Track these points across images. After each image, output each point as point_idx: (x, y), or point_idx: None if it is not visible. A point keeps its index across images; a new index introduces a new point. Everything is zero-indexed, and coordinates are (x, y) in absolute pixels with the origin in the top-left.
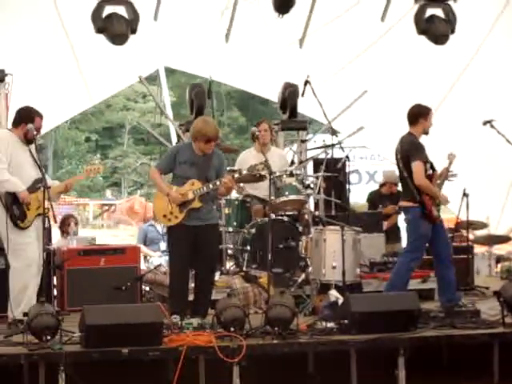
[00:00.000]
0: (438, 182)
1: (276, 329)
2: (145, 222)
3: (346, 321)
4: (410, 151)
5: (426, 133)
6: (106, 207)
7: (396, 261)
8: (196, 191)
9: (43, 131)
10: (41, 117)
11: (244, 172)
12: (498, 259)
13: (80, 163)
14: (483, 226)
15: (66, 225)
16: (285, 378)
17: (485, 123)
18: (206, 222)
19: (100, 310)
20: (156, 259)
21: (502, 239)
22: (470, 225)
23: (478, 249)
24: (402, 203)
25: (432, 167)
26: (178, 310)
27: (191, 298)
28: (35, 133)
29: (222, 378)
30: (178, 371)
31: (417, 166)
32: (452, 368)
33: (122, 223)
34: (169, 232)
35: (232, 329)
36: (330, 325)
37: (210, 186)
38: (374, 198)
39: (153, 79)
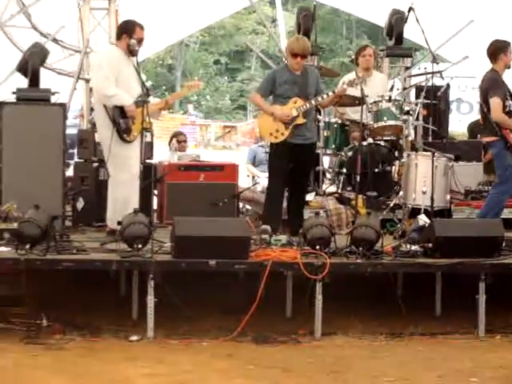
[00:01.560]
0: None
1: (360, 249)
2: (255, 142)
3: (430, 244)
4: (488, 87)
5: (509, 67)
6: (228, 129)
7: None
8: (300, 108)
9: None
10: (141, 27)
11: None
12: None
13: (208, 85)
14: None
15: (176, 141)
16: (367, 297)
17: None
18: (308, 140)
19: (190, 222)
20: (263, 179)
21: None
22: None
23: None
24: (485, 138)
25: None
26: (270, 222)
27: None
28: (137, 47)
29: (307, 294)
30: (262, 284)
31: (494, 102)
32: None
33: (243, 145)
34: (273, 149)
35: (317, 247)
36: (415, 248)
37: (313, 101)
38: (474, 128)
39: (284, 3)
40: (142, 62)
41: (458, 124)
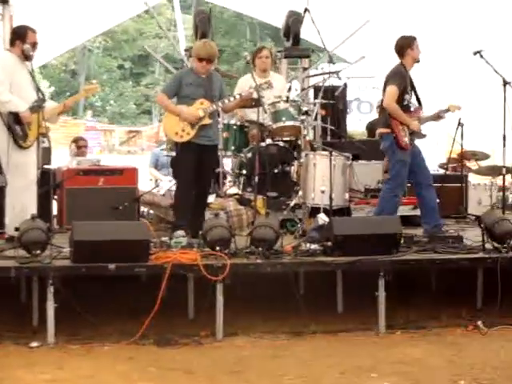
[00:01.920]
0: (423, 117)
1: (260, 249)
2: (157, 145)
3: (329, 243)
4: (389, 77)
5: (417, 61)
6: (133, 134)
7: None
8: (206, 109)
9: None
10: (33, 31)
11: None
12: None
13: (112, 90)
14: (486, 156)
15: (75, 146)
16: (268, 297)
17: (475, 53)
18: (213, 141)
19: (89, 226)
20: (166, 183)
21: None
22: (473, 155)
23: (482, 180)
24: (379, 130)
25: (419, 101)
26: (184, 224)
27: None
28: (31, 52)
29: (209, 295)
30: (163, 286)
31: (390, 90)
32: (435, 293)
33: (148, 149)
34: (178, 149)
35: (218, 248)
36: (314, 246)
37: (220, 103)
38: (373, 127)
39: (187, 7)
40: (43, 67)
41: (359, 123)
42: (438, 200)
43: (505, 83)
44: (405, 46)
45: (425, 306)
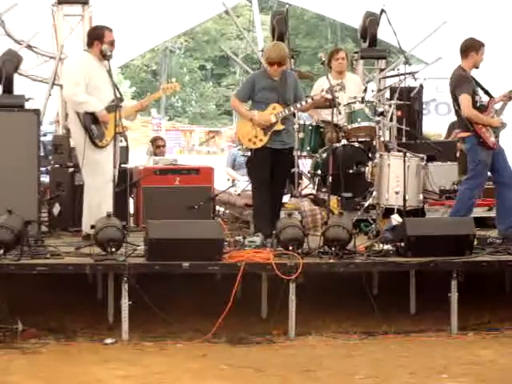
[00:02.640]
0: (498, 107)
1: (333, 249)
2: (235, 146)
3: (402, 244)
4: (455, 85)
5: (477, 67)
6: (212, 134)
7: None
8: (278, 114)
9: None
10: (110, 30)
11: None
12: None
13: (193, 91)
14: None
15: (153, 146)
16: (341, 296)
17: None
18: (287, 145)
19: (164, 224)
20: (243, 183)
21: None
22: None
23: None
24: (460, 134)
25: (488, 94)
26: (263, 230)
27: None
28: (109, 51)
29: (281, 295)
30: (236, 286)
31: (463, 99)
32: (508, 294)
33: (227, 150)
34: (252, 155)
35: (290, 247)
36: (387, 247)
37: (292, 108)
38: (453, 128)
39: (268, 9)
40: (125, 67)
41: (436, 125)
42: None
43: None
44: (472, 48)
45: (498, 307)
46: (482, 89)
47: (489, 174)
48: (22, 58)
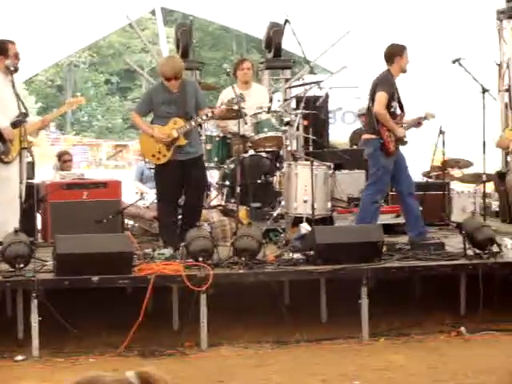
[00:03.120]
0: (405, 125)
1: (243, 259)
2: (142, 159)
3: (311, 252)
4: (378, 83)
5: (404, 71)
6: (120, 148)
7: None
8: (179, 129)
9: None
10: (13, 43)
11: (222, 106)
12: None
13: (100, 105)
14: (469, 164)
15: (60, 161)
16: (252, 306)
17: (454, 61)
18: (191, 154)
19: (71, 239)
20: (151, 196)
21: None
22: (456, 163)
23: (466, 187)
24: (364, 136)
25: (401, 108)
26: (170, 244)
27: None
28: (14, 65)
29: (192, 306)
30: (146, 299)
31: (380, 96)
32: (418, 300)
33: (136, 164)
34: (158, 170)
35: (200, 259)
36: (297, 256)
37: (193, 123)
38: (355, 136)
39: (172, 22)
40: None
41: (343, 133)
42: (420, 208)
43: (483, 90)
44: (395, 53)
45: (408, 313)
46: (399, 101)
47: None
48: None
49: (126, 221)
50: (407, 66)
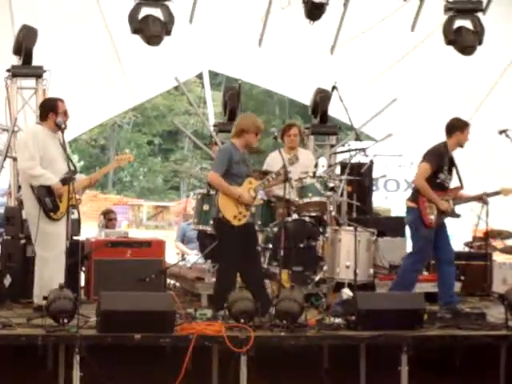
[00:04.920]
0: (462, 196)
1: (284, 322)
2: (184, 220)
3: (353, 317)
4: (426, 154)
5: (461, 146)
6: (160, 209)
7: None
8: (256, 188)
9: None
10: (62, 101)
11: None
12: None
13: (141, 165)
14: (511, 235)
15: (105, 219)
16: (292, 369)
17: (501, 132)
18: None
19: (116, 296)
20: (193, 257)
21: None
22: (499, 234)
23: (508, 259)
24: (407, 202)
25: (461, 183)
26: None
27: None
28: (63, 124)
29: (233, 367)
30: (187, 358)
31: (421, 167)
32: (458, 369)
33: (176, 225)
34: (228, 231)
35: (242, 320)
36: (338, 320)
37: (265, 182)
38: None
39: (217, 85)
40: (73, 141)
41: (385, 201)
42: (462, 277)
43: None
44: (456, 127)
45: (448, 382)
46: (457, 174)
47: None
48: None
49: (169, 280)
50: (465, 142)
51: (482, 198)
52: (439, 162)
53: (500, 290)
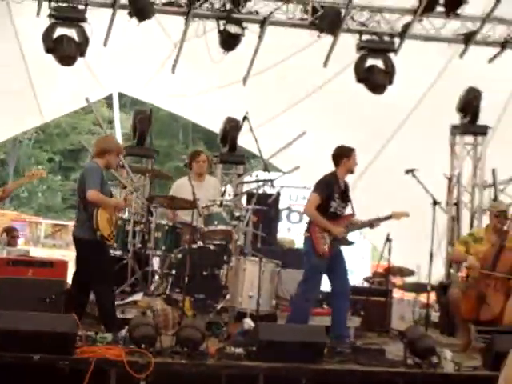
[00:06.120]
0: (355, 223)
1: (185, 349)
2: None
3: (253, 347)
4: (315, 184)
5: (352, 172)
6: (58, 228)
7: None
8: None
9: None
10: None
11: None
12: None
13: (41, 182)
14: (411, 273)
15: (8, 236)
16: None
17: (407, 172)
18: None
19: (15, 315)
20: None
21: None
22: (399, 271)
23: (405, 296)
24: (304, 233)
25: (352, 210)
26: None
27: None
28: None
29: None
30: (85, 382)
31: (311, 197)
32: None
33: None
34: (101, 250)
35: (143, 346)
36: (239, 350)
37: None
38: None
39: (122, 105)
40: None
41: (287, 232)
42: (362, 312)
43: (435, 203)
44: (342, 155)
45: None
46: (350, 202)
47: None
48: None
49: None
50: (355, 168)
51: (373, 224)
52: (328, 191)
53: (398, 326)
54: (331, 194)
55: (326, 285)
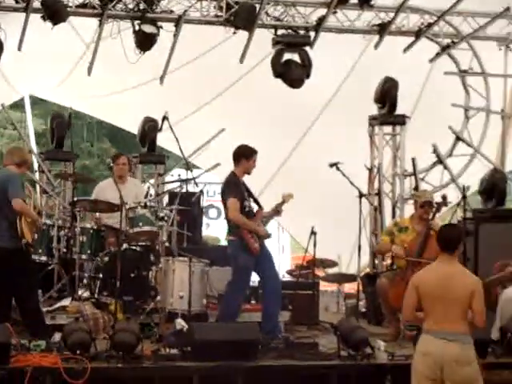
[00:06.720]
0: (264, 219)
1: (120, 353)
2: None
3: (188, 348)
4: (225, 189)
5: (248, 173)
6: None
7: None
8: None
9: None
10: None
11: None
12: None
13: None
14: (333, 264)
15: None
16: None
17: (331, 165)
18: None
19: None
20: None
21: (351, 278)
22: (321, 263)
23: (328, 287)
24: (226, 237)
25: (258, 204)
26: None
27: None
28: None
29: None
30: None
31: (230, 203)
32: None
33: None
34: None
35: (78, 352)
36: (174, 351)
37: None
38: None
39: (22, 106)
40: None
41: (207, 228)
42: (290, 306)
43: (361, 195)
44: (241, 155)
45: None
46: (253, 198)
47: None
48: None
49: None
50: (252, 170)
51: (277, 211)
52: (239, 191)
53: (324, 317)
54: (242, 194)
55: (253, 279)
